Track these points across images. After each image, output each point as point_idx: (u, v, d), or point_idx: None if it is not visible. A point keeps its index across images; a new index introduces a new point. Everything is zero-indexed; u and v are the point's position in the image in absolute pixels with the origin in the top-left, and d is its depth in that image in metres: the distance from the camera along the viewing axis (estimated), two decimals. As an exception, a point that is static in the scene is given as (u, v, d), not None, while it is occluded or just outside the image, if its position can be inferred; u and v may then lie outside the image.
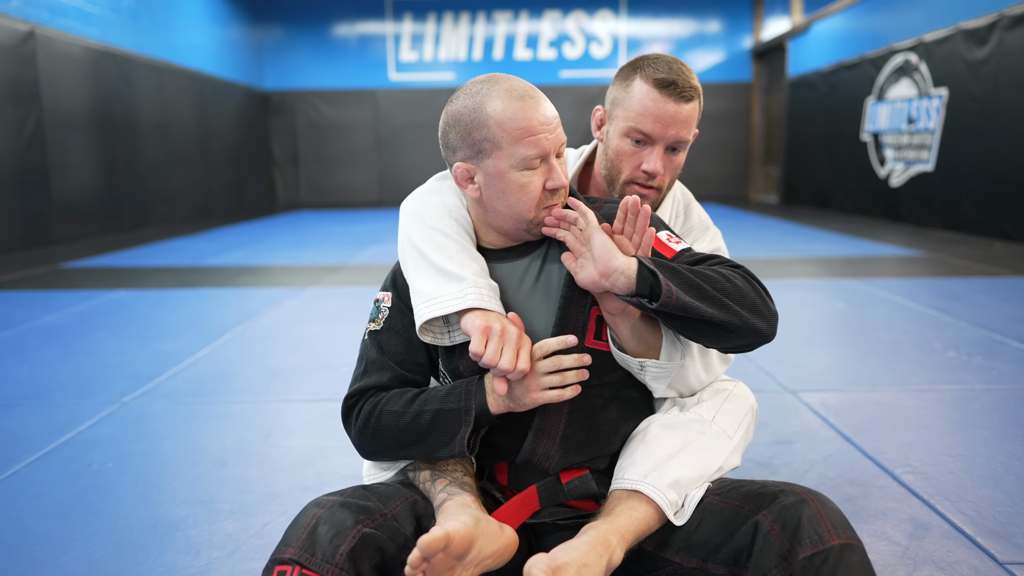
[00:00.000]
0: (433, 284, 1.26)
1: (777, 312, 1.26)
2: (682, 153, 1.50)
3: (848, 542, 1.12)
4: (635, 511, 1.25)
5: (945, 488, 1.85)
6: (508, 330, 1.19)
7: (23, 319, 3.98)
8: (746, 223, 9.24)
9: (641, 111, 1.43)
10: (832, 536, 1.12)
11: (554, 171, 1.25)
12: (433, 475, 1.30)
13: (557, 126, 1.25)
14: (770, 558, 1.14)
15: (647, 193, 1.49)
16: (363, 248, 7.25)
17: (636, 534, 1.24)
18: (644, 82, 1.44)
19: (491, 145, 1.23)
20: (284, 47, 13.82)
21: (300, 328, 3.78)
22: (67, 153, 7.74)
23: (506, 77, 1.26)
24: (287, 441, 2.25)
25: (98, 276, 5.55)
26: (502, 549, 1.19)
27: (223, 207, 11.81)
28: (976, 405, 2.48)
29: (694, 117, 1.46)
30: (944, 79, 7.78)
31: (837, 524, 1.14)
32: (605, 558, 1.17)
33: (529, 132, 1.22)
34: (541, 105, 1.23)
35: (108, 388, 2.78)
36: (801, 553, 1.11)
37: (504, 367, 1.16)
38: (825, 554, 1.10)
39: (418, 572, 1.07)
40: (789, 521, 1.15)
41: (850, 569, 1.09)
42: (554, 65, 13.81)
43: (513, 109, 1.22)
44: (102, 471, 2.04)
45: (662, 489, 1.26)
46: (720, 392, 1.42)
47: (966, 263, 5.61)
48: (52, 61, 7.49)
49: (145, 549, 1.61)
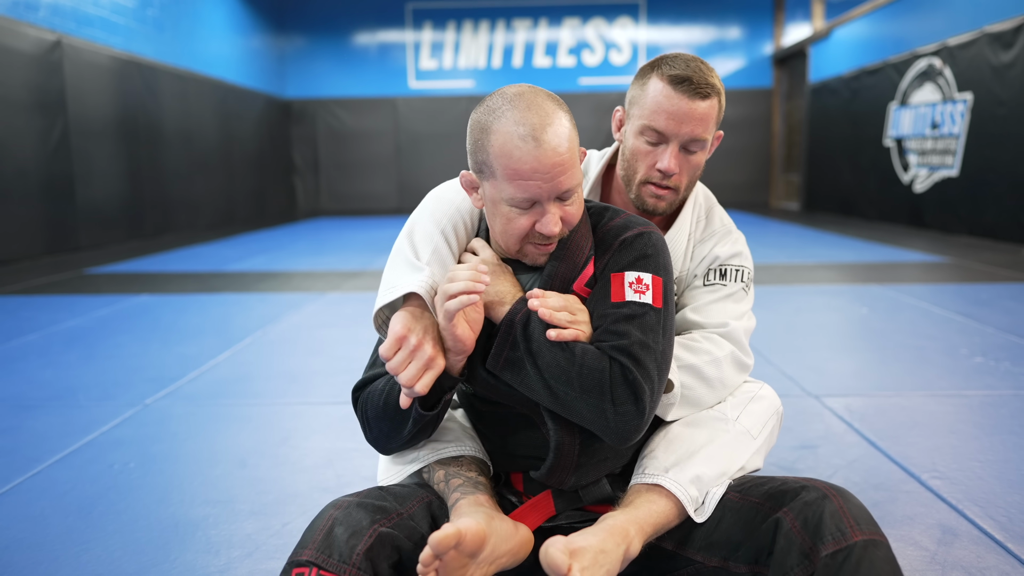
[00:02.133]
0: (397, 274, 1.24)
1: (630, 430, 1.14)
2: (700, 154, 1.45)
3: (872, 538, 1.10)
4: (655, 504, 1.23)
5: (974, 493, 1.81)
6: (423, 348, 1.14)
7: (48, 323, 4.03)
8: (768, 230, 9.17)
9: (655, 108, 1.40)
10: (855, 532, 1.09)
11: (545, 217, 1.16)
12: (447, 475, 1.29)
13: (559, 173, 1.14)
14: (792, 556, 1.11)
15: (663, 194, 1.45)
16: (382, 254, 7.28)
17: (655, 527, 1.22)
18: (659, 79, 1.40)
19: (488, 171, 1.18)
20: (305, 56, 13.95)
21: (320, 332, 3.79)
22: (92, 161, 7.85)
23: (528, 102, 1.15)
24: (307, 443, 2.25)
25: (121, 281, 5.61)
26: (516, 548, 1.18)
27: (244, 214, 11.92)
28: (1005, 411, 2.43)
29: (711, 116, 1.41)
30: (969, 83, 7.68)
31: (860, 520, 1.12)
32: (623, 547, 1.15)
33: (520, 176, 1.14)
34: (542, 149, 1.12)
35: (130, 390, 2.80)
36: (823, 551, 1.09)
37: (402, 381, 1.12)
38: (848, 551, 1.08)
39: (430, 570, 1.06)
40: (811, 518, 1.12)
41: (874, 566, 1.06)
42: (573, 72, 13.82)
43: (511, 147, 1.13)
44: (124, 471, 2.05)
45: (683, 484, 1.24)
46: (745, 393, 1.41)
47: (992, 269, 5.52)
48: (78, 70, 7.61)
49: (165, 548, 1.61)
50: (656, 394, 1.17)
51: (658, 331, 1.19)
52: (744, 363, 1.41)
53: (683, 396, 1.34)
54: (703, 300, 1.46)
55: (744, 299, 1.48)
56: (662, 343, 1.19)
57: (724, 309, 1.44)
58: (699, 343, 1.39)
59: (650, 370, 1.15)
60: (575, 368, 1.14)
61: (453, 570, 1.08)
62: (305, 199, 14.22)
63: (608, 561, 1.12)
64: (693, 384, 1.34)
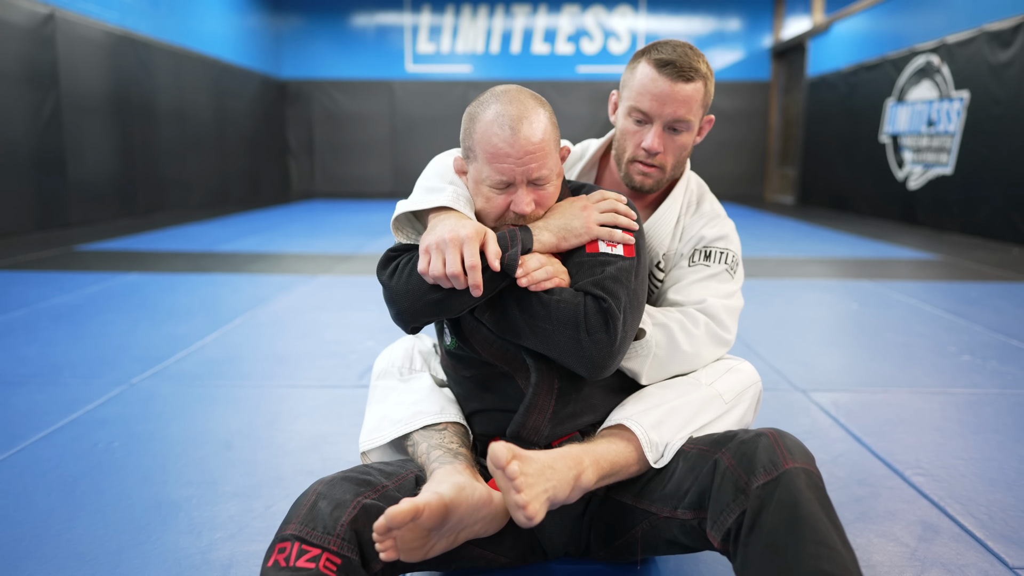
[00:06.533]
0: (417, 195, 1.37)
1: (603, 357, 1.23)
2: (686, 134, 1.48)
3: (804, 467, 1.10)
4: (613, 444, 1.27)
5: (956, 491, 1.82)
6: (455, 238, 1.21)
7: (36, 299, 4.01)
8: (761, 223, 9.18)
9: (640, 90, 1.45)
10: (787, 461, 1.10)
11: (517, 197, 1.28)
12: (428, 447, 1.31)
13: (531, 160, 1.24)
14: (726, 492, 1.13)
15: (649, 171, 1.50)
16: (375, 238, 7.25)
17: (612, 464, 1.24)
18: (647, 64, 1.45)
19: (473, 155, 1.29)
20: (302, 36, 13.84)
21: (310, 315, 3.78)
22: (84, 136, 7.79)
23: (511, 97, 1.27)
24: (293, 426, 2.25)
25: (111, 259, 5.58)
26: (490, 516, 1.18)
27: (238, 194, 11.86)
28: (990, 409, 2.44)
29: (695, 99, 1.44)
30: (966, 81, 7.68)
31: (794, 451, 1.13)
32: (573, 472, 1.17)
33: (497, 158, 1.25)
34: (520, 135, 1.24)
35: (117, 369, 2.79)
36: (755, 483, 1.10)
37: (435, 273, 1.20)
38: (777, 480, 1.09)
39: (386, 540, 1.06)
40: (746, 454, 1.14)
41: (800, 491, 1.07)
42: (572, 60, 13.76)
43: (492, 132, 1.25)
44: (108, 450, 2.04)
45: (645, 427, 1.29)
46: (722, 365, 1.44)
47: (983, 268, 5.55)
48: (71, 44, 7.53)
49: (148, 528, 1.61)
50: (628, 326, 1.25)
51: (630, 273, 1.29)
52: (721, 337, 1.44)
53: (655, 357, 1.38)
54: (685, 280, 1.50)
55: (729, 281, 1.50)
56: (633, 283, 1.29)
57: (705, 287, 1.48)
58: (673, 313, 1.44)
59: (621, 300, 1.24)
60: (552, 304, 1.24)
61: (410, 541, 1.08)
62: (299, 181, 14.15)
63: (555, 478, 1.14)
64: (664, 343, 1.38)
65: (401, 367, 1.55)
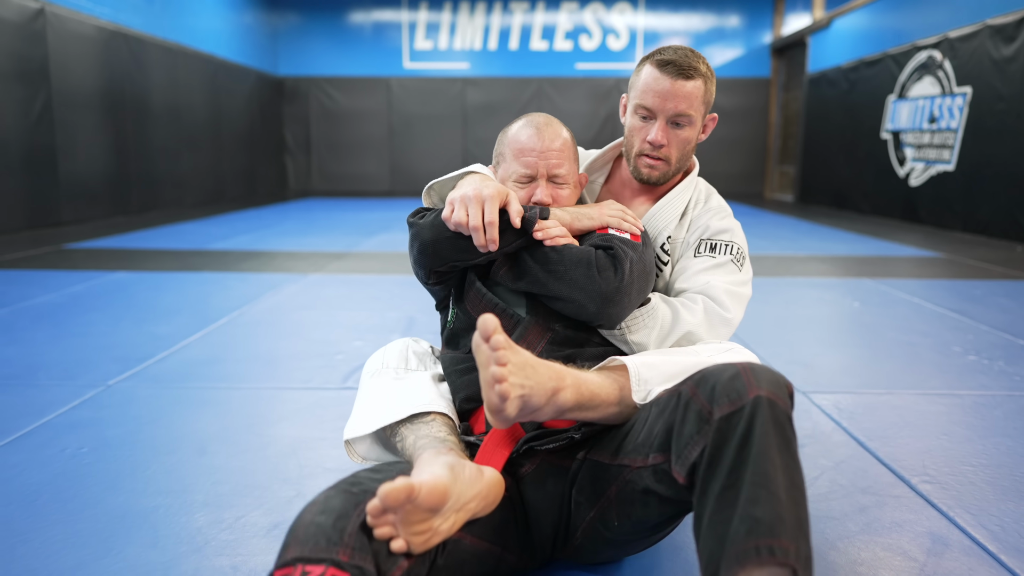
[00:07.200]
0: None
1: (611, 291, 1.36)
2: (689, 129, 1.60)
3: (770, 397, 1.00)
4: (600, 376, 1.26)
5: (966, 500, 1.73)
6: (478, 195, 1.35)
7: (19, 298, 3.91)
8: (761, 221, 9.08)
9: (645, 89, 1.59)
10: (752, 389, 1.00)
11: (538, 190, 1.50)
12: (416, 439, 1.29)
13: (552, 156, 1.49)
14: (689, 424, 1.04)
15: (655, 163, 1.62)
16: (370, 236, 7.16)
17: (592, 394, 1.20)
18: (651, 65, 1.59)
19: (502, 157, 1.57)
20: (299, 33, 13.74)
21: (298, 314, 3.69)
22: (76, 133, 7.69)
23: (537, 115, 1.57)
24: (272, 430, 2.16)
25: (100, 257, 5.48)
26: (485, 491, 1.13)
27: (234, 193, 11.76)
28: (998, 412, 2.35)
29: (695, 95, 1.56)
30: (968, 77, 7.59)
31: (762, 380, 1.02)
32: (553, 383, 1.14)
33: (523, 153, 1.50)
34: (542, 135, 1.50)
35: (95, 370, 2.70)
36: (717, 413, 1.01)
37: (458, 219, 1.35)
38: (740, 411, 0.99)
39: (382, 523, 0.99)
40: (711, 383, 1.06)
41: (756, 425, 0.97)
42: (570, 56, 13.65)
43: (520, 134, 1.52)
44: (76, 456, 1.95)
45: (637, 363, 1.28)
46: (721, 345, 1.44)
47: (986, 265, 5.45)
48: (62, 40, 7.43)
49: (109, 541, 1.52)
50: (634, 275, 1.38)
51: (636, 247, 1.43)
52: (721, 315, 1.50)
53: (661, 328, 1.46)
54: (691, 270, 1.58)
55: (736, 272, 1.58)
56: (640, 252, 1.43)
57: (710, 274, 1.56)
58: (675, 298, 1.55)
59: (628, 253, 1.39)
60: (565, 250, 1.39)
61: (413, 523, 1.01)
62: (296, 179, 14.05)
63: (534, 376, 1.11)
64: (669, 317, 1.47)
65: (396, 367, 1.52)
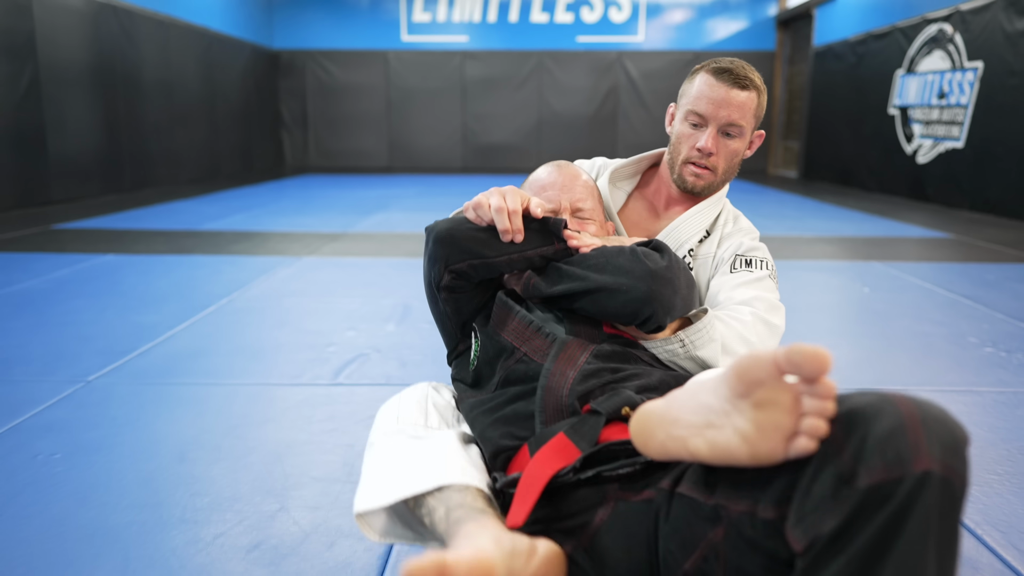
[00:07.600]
0: None
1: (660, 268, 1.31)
2: (738, 140, 1.62)
3: (943, 473, 0.73)
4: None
5: (994, 515, 1.62)
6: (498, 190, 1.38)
7: (1, 284, 3.79)
8: (765, 198, 8.92)
9: (698, 95, 1.60)
10: (921, 458, 0.73)
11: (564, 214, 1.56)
12: (449, 510, 1.07)
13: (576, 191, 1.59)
14: (823, 484, 0.77)
15: (701, 172, 1.64)
16: (367, 216, 7.02)
17: None
18: (705, 73, 1.60)
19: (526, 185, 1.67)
20: (294, 5, 13.46)
21: (289, 301, 3.56)
22: (65, 110, 7.51)
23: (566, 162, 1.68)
24: (256, 432, 2.04)
25: (89, 239, 5.35)
26: (543, 568, 0.94)
27: (229, 169, 11.58)
28: (1022, 412, 2.24)
29: (749, 106, 1.58)
30: (980, 51, 7.39)
31: (935, 440, 0.74)
32: None
33: (543, 189, 1.60)
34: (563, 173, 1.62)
35: (74, 365, 2.58)
36: (864, 479, 0.75)
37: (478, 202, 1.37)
38: (898, 485, 0.73)
39: None
40: (859, 427, 0.78)
41: (917, 513, 0.72)
42: (571, 29, 13.38)
43: (539, 174, 1.64)
44: (48, 463, 1.84)
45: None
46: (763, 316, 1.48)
47: (998, 247, 5.32)
48: (49, 13, 7.23)
49: (74, 565, 1.41)
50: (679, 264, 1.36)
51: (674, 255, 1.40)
52: (771, 323, 1.47)
53: (723, 342, 1.40)
54: (730, 284, 1.57)
55: (773, 289, 1.56)
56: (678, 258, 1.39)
57: (751, 288, 1.54)
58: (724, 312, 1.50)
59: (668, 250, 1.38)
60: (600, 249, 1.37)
61: None
62: (293, 155, 13.86)
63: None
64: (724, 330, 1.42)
65: (415, 422, 1.32)
